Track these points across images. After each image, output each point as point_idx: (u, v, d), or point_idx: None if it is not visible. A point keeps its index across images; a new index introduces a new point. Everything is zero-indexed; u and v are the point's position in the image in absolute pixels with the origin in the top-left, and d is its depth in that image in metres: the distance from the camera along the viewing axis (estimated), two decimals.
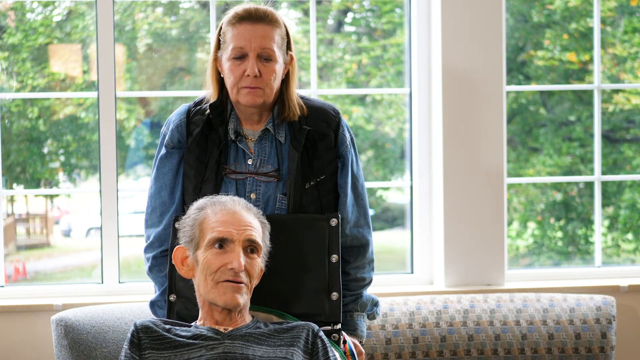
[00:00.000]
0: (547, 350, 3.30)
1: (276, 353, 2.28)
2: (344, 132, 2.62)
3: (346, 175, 2.61)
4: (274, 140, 2.58)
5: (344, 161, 2.61)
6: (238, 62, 2.50)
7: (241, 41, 2.49)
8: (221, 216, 2.33)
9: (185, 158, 2.60)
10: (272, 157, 2.58)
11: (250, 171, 2.57)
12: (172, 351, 2.28)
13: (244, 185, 2.57)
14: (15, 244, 5.30)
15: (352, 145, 2.64)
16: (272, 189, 2.57)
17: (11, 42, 4.59)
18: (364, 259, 2.63)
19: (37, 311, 3.42)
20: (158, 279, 2.64)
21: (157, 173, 2.64)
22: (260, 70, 2.49)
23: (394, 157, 5.83)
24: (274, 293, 2.51)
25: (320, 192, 2.57)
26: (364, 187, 2.67)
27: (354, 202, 2.63)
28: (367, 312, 2.67)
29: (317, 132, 2.58)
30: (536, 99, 6.05)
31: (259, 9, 2.52)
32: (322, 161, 2.58)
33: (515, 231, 6.20)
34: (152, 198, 2.64)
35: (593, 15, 3.94)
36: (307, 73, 5.47)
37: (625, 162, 5.95)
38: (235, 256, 2.30)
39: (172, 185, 2.62)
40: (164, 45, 5.24)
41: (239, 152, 2.59)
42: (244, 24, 2.50)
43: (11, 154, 4.75)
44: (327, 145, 2.58)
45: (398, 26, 5.54)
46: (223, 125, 2.58)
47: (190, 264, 2.37)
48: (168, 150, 2.62)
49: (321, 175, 2.57)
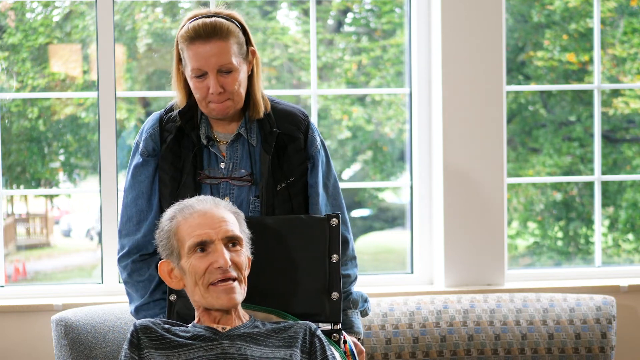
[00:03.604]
0: (547, 350, 3.30)
1: (275, 354, 2.28)
2: (313, 135, 2.65)
3: (316, 176, 2.63)
4: (246, 143, 2.60)
5: (314, 162, 2.63)
6: (200, 80, 2.52)
7: (198, 62, 2.50)
8: (193, 220, 2.32)
9: (160, 165, 2.61)
10: (245, 160, 2.60)
11: (224, 176, 2.59)
12: (171, 351, 2.28)
13: (218, 190, 2.59)
14: (15, 244, 5.30)
15: (322, 147, 2.67)
16: (245, 192, 2.59)
17: (11, 42, 4.59)
18: (345, 256, 2.65)
19: (37, 311, 3.42)
20: (138, 284, 2.63)
21: (132, 182, 2.64)
22: (223, 85, 2.51)
23: (392, 159, 5.84)
24: (274, 293, 2.51)
25: (291, 193, 2.60)
26: (337, 187, 2.69)
27: (327, 201, 2.66)
28: (359, 309, 2.69)
29: (286, 135, 2.61)
30: (536, 99, 6.05)
31: (207, 24, 2.50)
32: (292, 163, 2.60)
33: (516, 230, 6.20)
34: (128, 207, 2.64)
35: (593, 15, 3.94)
36: (307, 73, 5.47)
37: (625, 162, 5.96)
38: (219, 254, 2.29)
39: (149, 192, 2.62)
40: (164, 45, 5.24)
41: (212, 156, 2.61)
42: (197, 44, 2.50)
43: (11, 154, 4.75)
44: (296, 148, 2.61)
45: (398, 26, 5.54)
46: (195, 130, 2.60)
47: (177, 275, 2.36)
48: (144, 158, 2.63)
49: (291, 177, 2.60)
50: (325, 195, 2.65)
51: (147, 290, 2.62)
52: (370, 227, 6.21)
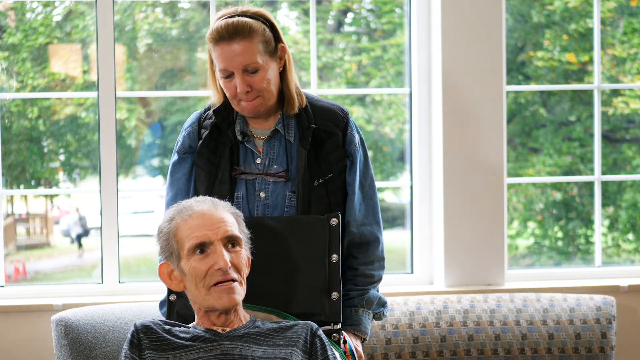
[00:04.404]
0: (547, 350, 3.30)
1: (275, 353, 2.28)
2: (352, 132, 2.63)
3: (354, 174, 2.62)
4: (283, 139, 2.59)
5: (353, 160, 2.62)
6: (229, 80, 2.53)
7: (223, 63, 2.51)
8: (192, 222, 2.32)
9: (196, 161, 2.62)
10: (281, 156, 2.59)
11: (259, 172, 2.58)
12: (170, 352, 2.28)
13: (254, 185, 2.58)
14: (15, 244, 5.30)
15: (361, 145, 2.65)
16: (280, 187, 2.58)
17: (11, 42, 4.59)
18: (372, 255, 2.64)
19: (37, 311, 3.42)
20: None
21: (171, 179, 2.67)
22: (250, 84, 2.52)
23: (392, 159, 5.84)
24: (274, 293, 2.52)
25: (329, 190, 2.58)
26: (373, 186, 2.68)
27: (362, 200, 2.64)
28: (373, 311, 2.67)
29: (324, 131, 2.59)
30: (536, 99, 6.05)
31: (230, 25, 2.50)
32: (330, 159, 2.59)
33: (515, 230, 6.20)
34: (168, 205, 2.65)
35: (592, 15, 3.94)
36: (307, 73, 5.47)
37: (625, 162, 5.96)
38: (219, 256, 2.29)
39: (186, 189, 2.64)
40: (164, 45, 5.24)
41: (248, 152, 2.61)
42: (221, 45, 2.51)
43: (11, 154, 4.75)
44: (335, 144, 2.60)
45: (398, 26, 5.54)
46: (231, 127, 2.60)
47: (177, 277, 2.36)
48: (180, 156, 2.65)
49: (329, 174, 2.59)
50: (361, 195, 2.64)
51: None
52: None
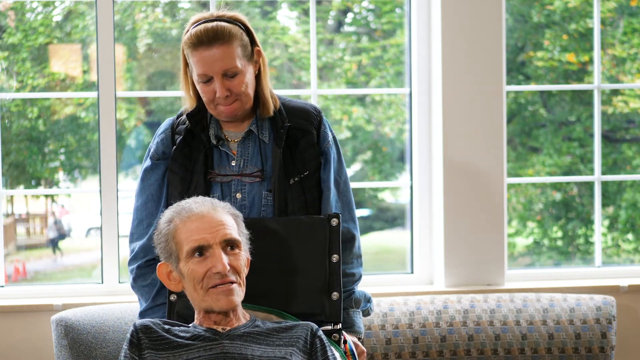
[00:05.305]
0: (547, 350, 3.30)
1: (275, 352, 2.28)
2: (325, 130, 2.65)
3: (328, 171, 2.63)
4: (257, 140, 2.60)
5: (327, 157, 2.64)
6: (207, 84, 2.53)
7: (202, 68, 2.51)
8: (191, 224, 2.31)
9: (169, 166, 2.62)
10: (255, 156, 2.60)
11: (234, 173, 2.59)
12: (170, 352, 2.28)
13: (229, 187, 2.59)
14: (15, 244, 5.30)
15: (334, 143, 2.67)
16: (256, 187, 2.59)
17: (11, 42, 4.59)
18: (351, 254, 2.65)
19: (37, 311, 3.42)
20: (143, 289, 2.63)
21: (142, 185, 2.66)
22: (230, 88, 2.52)
23: (392, 159, 5.84)
24: (274, 293, 2.51)
25: (305, 187, 2.60)
26: (347, 184, 2.70)
27: (337, 198, 2.66)
28: (361, 309, 2.68)
29: (299, 130, 2.61)
30: (536, 99, 6.06)
31: (209, 30, 2.50)
32: (305, 157, 2.61)
33: (515, 229, 6.21)
34: (139, 211, 2.65)
35: (592, 15, 3.94)
36: (307, 73, 5.47)
37: (625, 162, 5.96)
38: (217, 259, 2.29)
39: (158, 196, 2.64)
40: (164, 45, 5.25)
41: (222, 155, 2.61)
42: (200, 50, 2.50)
43: (11, 154, 4.75)
44: (309, 142, 2.62)
45: (398, 26, 5.54)
46: (204, 131, 2.61)
47: (176, 277, 2.36)
48: (153, 162, 2.64)
49: (305, 172, 2.60)
50: (336, 192, 2.66)
51: (150, 295, 2.63)
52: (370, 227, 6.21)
